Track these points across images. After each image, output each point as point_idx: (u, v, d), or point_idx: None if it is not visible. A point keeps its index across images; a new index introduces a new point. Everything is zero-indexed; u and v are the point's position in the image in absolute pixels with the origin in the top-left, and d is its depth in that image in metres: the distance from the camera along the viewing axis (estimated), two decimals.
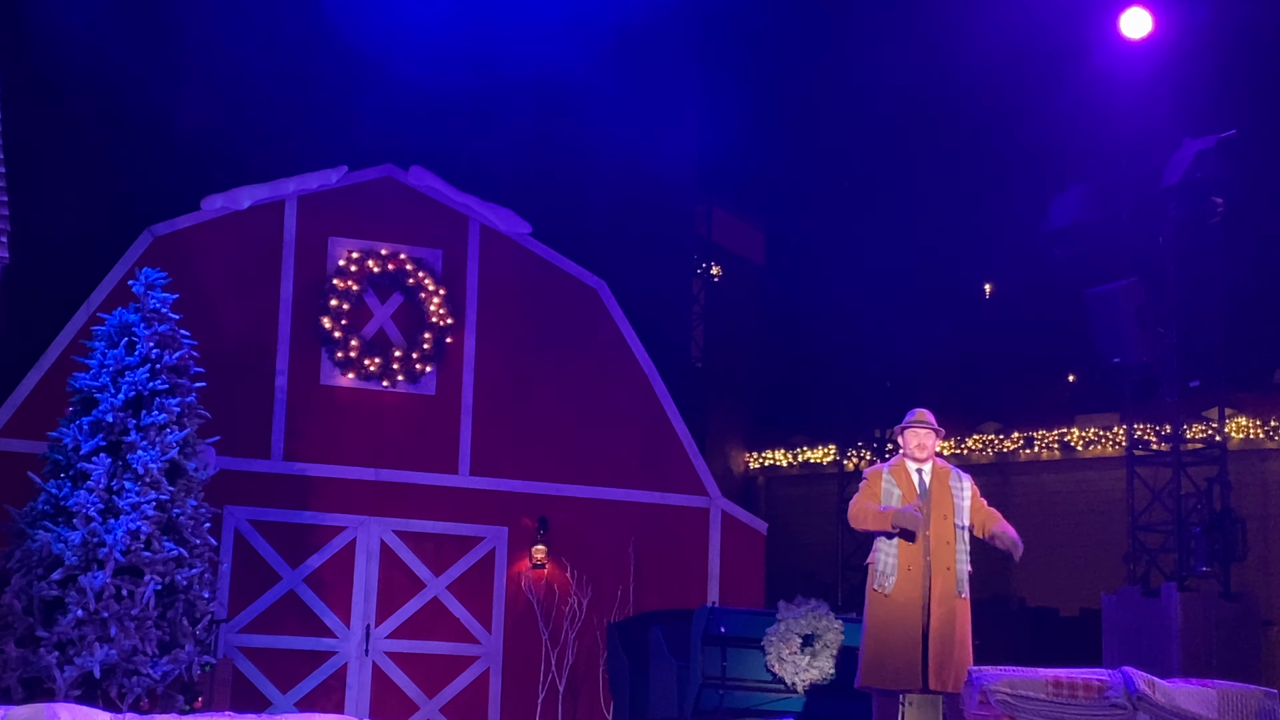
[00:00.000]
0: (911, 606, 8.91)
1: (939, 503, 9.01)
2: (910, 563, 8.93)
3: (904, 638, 8.88)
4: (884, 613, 8.96)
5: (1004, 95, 19.90)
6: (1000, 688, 7.11)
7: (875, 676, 8.96)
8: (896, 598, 8.93)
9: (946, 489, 9.07)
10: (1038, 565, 23.83)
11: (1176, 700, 7.20)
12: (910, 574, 8.92)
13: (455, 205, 14.79)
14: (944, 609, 8.89)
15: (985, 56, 19.06)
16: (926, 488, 9.10)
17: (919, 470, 9.14)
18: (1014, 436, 25.08)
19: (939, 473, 9.13)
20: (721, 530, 15.07)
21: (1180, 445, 15.99)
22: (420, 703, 13.93)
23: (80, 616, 10.03)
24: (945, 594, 8.92)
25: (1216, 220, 15.34)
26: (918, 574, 8.92)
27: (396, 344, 14.45)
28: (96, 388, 10.62)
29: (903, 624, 8.90)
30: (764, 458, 27.22)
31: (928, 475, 9.12)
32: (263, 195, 14.18)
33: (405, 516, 14.17)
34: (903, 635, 8.89)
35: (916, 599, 8.92)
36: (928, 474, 9.12)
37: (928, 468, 9.15)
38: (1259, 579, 21.94)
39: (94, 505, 10.22)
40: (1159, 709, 7.17)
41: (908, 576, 8.92)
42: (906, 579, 8.92)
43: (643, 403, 15.09)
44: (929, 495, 9.06)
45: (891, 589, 8.92)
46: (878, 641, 8.96)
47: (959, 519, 9.01)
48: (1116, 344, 15.54)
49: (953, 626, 8.89)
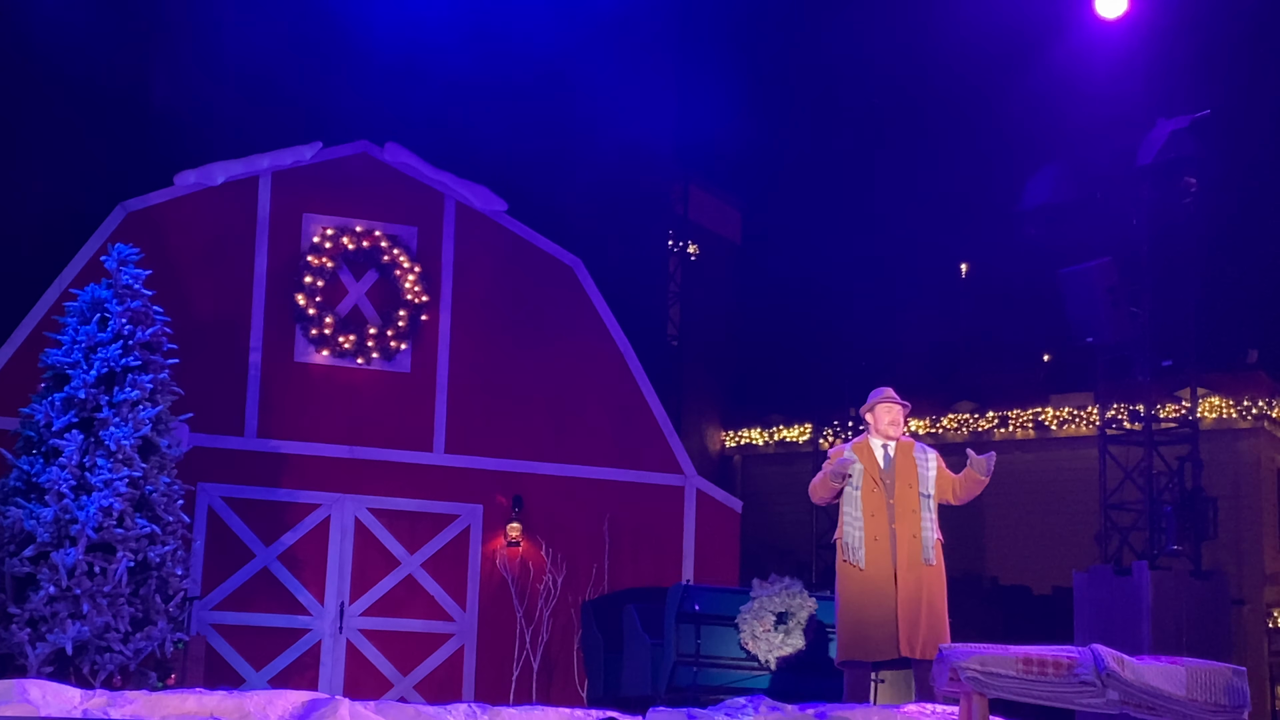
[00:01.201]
0: (883, 577, 8.98)
1: (903, 472, 9.12)
2: (876, 533, 9.01)
3: (879, 608, 8.95)
4: (857, 586, 9.01)
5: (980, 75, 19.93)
6: (970, 665, 7.14)
7: (857, 650, 9.03)
8: (869, 570, 8.99)
9: (911, 460, 9.19)
10: (1011, 544, 23.98)
11: (1146, 677, 7.24)
12: (878, 544, 9.00)
13: (431, 182, 14.74)
14: (912, 576, 8.97)
15: (961, 36, 19.07)
16: (891, 460, 9.20)
17: (884, 445, 9.24)
18: (989, 416, 25.19)
19: (903, 446, 9.25)
20: (696, 508, 15.10)
21: (1152, 425, 16.07)
22: (394, 680, 13.94)
23: (52, 593, 10.00)
24: (912, 561, 8.99)
25: (1190, 200, 15.41)
26: (885, 544, 9.00)
27: (371, 321, 14.41)
28: (69, 364, 10.57)
29: (876, 595, 8.96)
30: (740, 436, 27.27)
31: (893, 449, 9.22)
32: (237, 171, 14.11)
33: (380, 494, 14.16)
34: (877, 606, 8.95)
35: (887, 568, 8.99)
36: (893, 448, 9.22)
37: (893, 444, 9.24)
38: (1230, 558, 22.10)
39: (66, 482, 10.18)
40: (1128, 686, 7.20)
41: (875, 547, 9.00)
42: (875, 549, 9.00)
43: (618, 381, 15.09)
44: (893, 466, 9.17)
45: (863, 561, 8.97)
46: (854, 615, 9.02)
47: (924, 488, 9.12)
48: (1090, 323, 15.60)
49: (921, 593, 8.96)
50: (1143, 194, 15.46)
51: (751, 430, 27.12)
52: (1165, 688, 7.28)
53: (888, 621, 8.93)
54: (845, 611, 9.06)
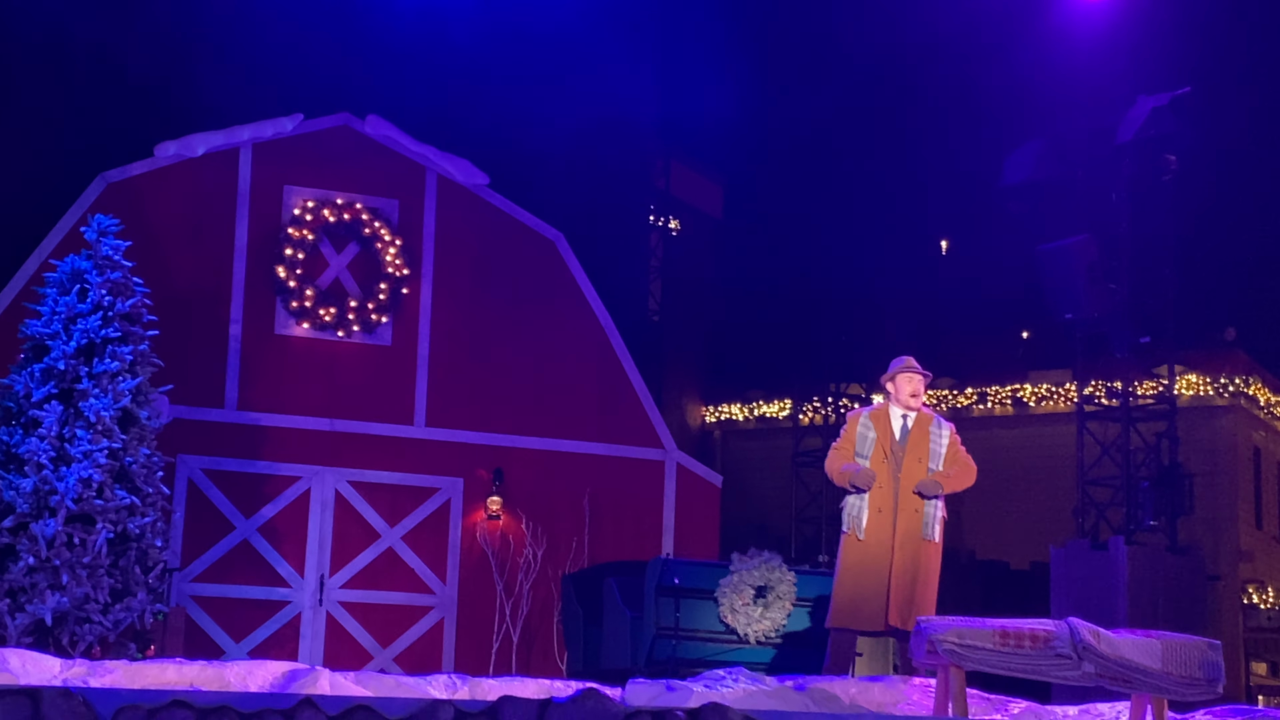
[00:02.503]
0: (882, 548, 9.01)
1: (915, 447, 9.08)
2: (881, 504, 9.04)
3: (875, 579, 8.99)
4: (856, 555, 9.05)
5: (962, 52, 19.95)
6: (948, 637, 7.18)
7: (847, 618, 9.07)
8: (869, 540, 9.02)
9: (925, 434, 9.14)
10: (989, 519, 24.10)
11: (1121, 651, 7.30)
12: (881, 515, 9.02)
13: (412, 155, 14.71)
14: (909, 549, 8.99)
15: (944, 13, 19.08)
16: (907, 432, 9.16)
17: (904, 416, 9.17)
18: (968, 392, 25.30)
19: (921, 419, 9.18)
20: (676, 483, 15.13)
21: (1130, 401, 16.15)
22: (374, 652, 13.96)
23: (31, 564, 9.98)
24: (911, 534, 9.00)
25: (1169, 177, 15.46)
26: (888, 515, 9.01)
27: (352, 294, 14.39)
28: (48, 335, 10.53)
29: (874, 565, 9.00)
30: (720, 411, 27.33)
31: (910, 421, 9.16)
32: (217, 142, 14.06)
33: (360, 467, 14.15)
34: (874, 577, 8.99)
35: (887, 540, 9.02)
36: (911, 420, 9.16)
37: (913, 415, 9.17)
38: (1206, 533, 22.24)
39: (45, 453, 10.15)
40: (1104, 659, 7.26)
41: (878, 518, 9.03)
42: (877, 520, 9.03)
43: (599, 356, 15.10)
44: (908, 439, 9.13)
45: (864, 532, 9.00)
46: (851, 583, 9.05)
47: (933, 463, 9.07)
48: (1068, 300, 15.67)
49: (916, 567, 8.99)
50: (1123, 171, 15.52)
51: (732, 405, 27.18)
52: (1140, 661, 7.34)
53: (880, 594, 8.98)
54: (843, 579, 9.09)
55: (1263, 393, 24.67)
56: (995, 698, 8.08)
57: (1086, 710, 8.14)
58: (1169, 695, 7.41)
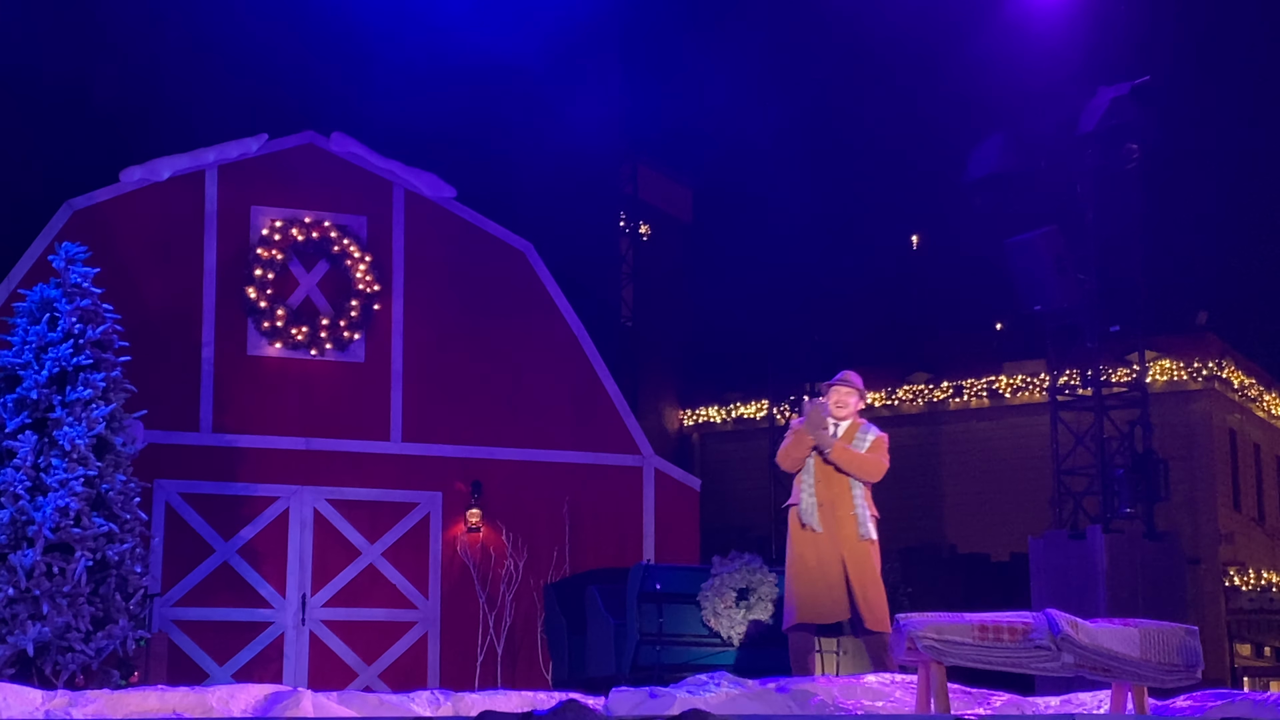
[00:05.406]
0: (832, 543, 9.35)
1: None
2: (824, 500, 9.39)
3: (828, 572, 9.30)
4: (809, 549, 9.34)
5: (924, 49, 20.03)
6: (927, 633, 7.22)
7: (809, 613, 9.33)
8: (821, 535, 9.34)
9: (850, 440, 9.57)
10: (969, 512, 24.19)
11: (1100, 640, 7.34)
12: (823, 509, 9.39)
13: (379, 171, 14.71)
14: (854, 550, 9.32)
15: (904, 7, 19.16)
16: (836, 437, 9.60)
17: (835, 424, 9.61)
18: (943, 386, 25.36)
19: (852, 426, 9.63)
20: (655, 488, 15.15)
21: (1103, 389, 16.23)
22: (359, 669, 13.95)
23: (11, 595, 9.96)
24: (850, 536, 9.35)
25: (1133, 166, 15.54)
26: (829, 510, 9.37)
27: (324, 312, 14.38)
28: (19, 364, 10.51)
29: (827, 559, 9.31)
30: (697, 415, 27.36)
31: (840, 430, 9.59)
32: (182, 165, 14.04)
33: (338, 485, 14.14)
34: (828, 570, 9.30)
35: (838, 535, 9.35)
36: (841, 429, 9.59)
37: (844, 424, 9.59)
38: (1185, 518, 22.37)
39: (21, 483, 10.13)
40: (1083, 649, 7.30)
41: (822, 511, 9.40)
42: (827, 516, 9.39)
43: (573, 364, 15.12)
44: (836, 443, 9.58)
45: (819, 524, 9.31)
46: (805, 579, 9.33)
47: None
48: (1037, 291, 15.74)
49: (864, 567, 9.33)
50: (1086, 161, 15.59)
51: (709, 408, 27.21)
52: (1119, 649, 7.39)
53: (837, 585, 9.26)
54: (799, 576, 9.38)
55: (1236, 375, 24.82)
56: (978, 692, 8.13)
57: (1068, 700, 8.19)
58: (1148, 682, 7.47)
